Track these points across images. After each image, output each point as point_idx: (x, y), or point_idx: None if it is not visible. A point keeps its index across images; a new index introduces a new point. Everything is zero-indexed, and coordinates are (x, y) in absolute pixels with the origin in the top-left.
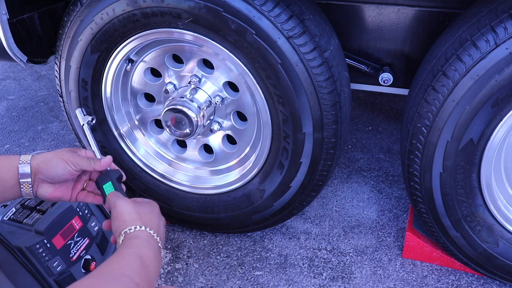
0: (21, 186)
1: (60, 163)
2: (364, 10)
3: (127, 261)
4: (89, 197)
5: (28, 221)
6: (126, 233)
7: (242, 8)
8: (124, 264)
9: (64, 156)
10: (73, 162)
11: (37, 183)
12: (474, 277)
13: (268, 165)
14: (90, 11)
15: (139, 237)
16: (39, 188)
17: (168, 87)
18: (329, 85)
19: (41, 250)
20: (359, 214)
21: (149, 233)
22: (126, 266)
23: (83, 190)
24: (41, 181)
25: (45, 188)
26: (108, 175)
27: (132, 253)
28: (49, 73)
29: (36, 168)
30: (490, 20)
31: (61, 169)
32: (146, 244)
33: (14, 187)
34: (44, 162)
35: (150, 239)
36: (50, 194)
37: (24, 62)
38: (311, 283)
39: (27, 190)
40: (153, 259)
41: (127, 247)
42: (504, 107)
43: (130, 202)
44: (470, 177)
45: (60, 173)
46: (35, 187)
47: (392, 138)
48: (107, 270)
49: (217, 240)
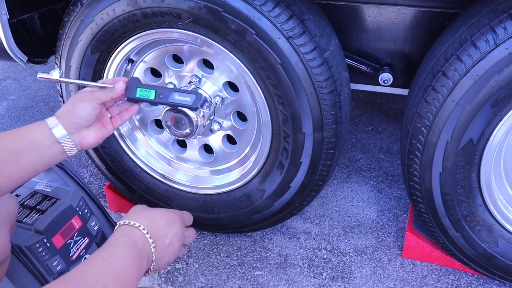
0: (62, 144)
1: (84, 104)
2: (364, 10)
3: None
4: (123, 116)
5: (28, 221)
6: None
7: (242, 8)
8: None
9: (82, 97)
10: (93, 98)
11: (76, 135)
12: (474, 277)
13: (268, 165)
14: (90, 11)
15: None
16: (81, 138)
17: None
18: (329, 85)
19: (41, 249)
20: (359, 214)
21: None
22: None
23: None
24: (78, 130)
25: (87, 136)
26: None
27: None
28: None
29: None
30: (490, 20)
31: (88, 108)
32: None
33: (52, 147)
34: (70, 112)
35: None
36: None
37: (24, 62)
38: (311, 283)
39: (69, 145)
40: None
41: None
42: (504, 107)
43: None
44: (470, 177)
45: (89, 112)
46: (76, 139)
47: (392, 138)
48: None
49: (217, 240)
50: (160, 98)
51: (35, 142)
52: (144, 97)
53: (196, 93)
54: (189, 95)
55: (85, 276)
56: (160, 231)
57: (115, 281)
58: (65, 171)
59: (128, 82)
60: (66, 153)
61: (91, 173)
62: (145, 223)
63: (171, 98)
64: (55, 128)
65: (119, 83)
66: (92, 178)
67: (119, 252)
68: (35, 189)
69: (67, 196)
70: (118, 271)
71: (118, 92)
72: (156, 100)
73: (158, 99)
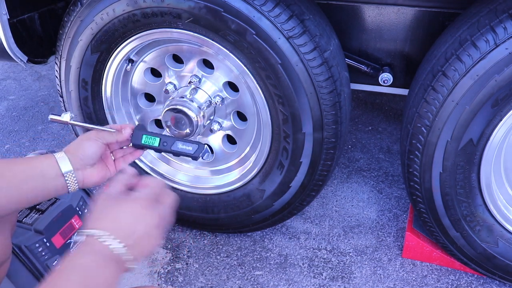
0: (65, 178)
1: (90, 143)
2: (364, 10)
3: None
4: (127, 159)
5: (28, 220)
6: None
7: (242, 8)
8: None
9: (90, 136)
10: (99, 138)
11: (80, 172)
12: (474, 277)
13: (268, 165)
14: (90, 11)
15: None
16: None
17: (168, 87)
18: (329, 85)
19: (41, 249)
20: (359, 214)
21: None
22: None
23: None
24: (83, 167)
25: (90, 174)
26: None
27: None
28: (49, 73)
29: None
30: (490, 20)
31: (94, 147)
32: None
33: (56, 179)
34: (77, 148)
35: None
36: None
37: (24, 62)
38: (311, 283)
39: (71, 180)
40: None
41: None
42: (504, 107)
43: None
44: (470, 177)
45: (94, 151)
46: (80, 176)
47: (392, 138)
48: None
49: (217, 240)
50: (164, 146)
51: (42, 171)
52: (149, 144)
53: (198, 143)
54: (191, 145)
55: None
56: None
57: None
58: None
59: (134, 128)
60: (68, 187)
61: None
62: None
63: (175, 147)
64: (61, 161)
65: (126, 129)
66: None
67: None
68: None
69: (67, 196)
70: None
71: (124, 136)
72: (160, 148)
73: (162, 146)
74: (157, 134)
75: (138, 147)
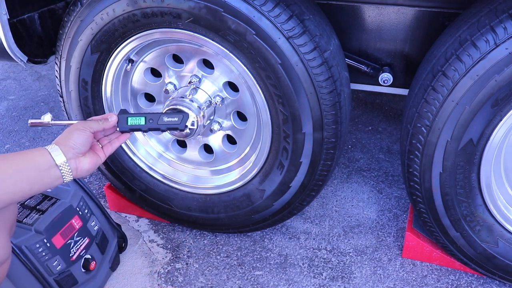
0: (60, 168)
1: (80, 132)
2: (364, 10)
3: None
4: (114, 143)
5: (28, 221)
6: None
7: (242, 8)
8: None
9: (79, 126)
10: (88, 127)
11: (73, 161)
12: (474, 277)
13: (268, 165)
14: (90, 11)
15: None
16: (78, 165)
17: (168, 87)
18: (329, 85)
19: (41, 249)
20: (359, 214)
21: None
22: None
23: (103, 147)
24: (75, 156)
25: (82, 162)
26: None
27: None
28: (49, 73)
29: (65, 146)
30: (490, 20)
31: (83, 136)
32: None
33: (50, 170)
34: (67, 139)
35: None
36: (90, 164)
37: (24, 62)
38: (311, 283)
39: (66, 170)
40: None
41: None
42: (504, 107)
43: None
44: (470, 177)
45: (84, 139)
46: (73, 165)
47: (392, 138)
48: None
49: (217, 240)
50: (150, 123)
51: (35, 162)
52: (136, 124)
53: (183, 113)
54: (176, 115)
55: None
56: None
57: None
58: None
59: (118, 115)
60: (63, 178)
61: (91, 173)
62: None
63: (161, 121)
64: (54, 153)
65: (112, 116)
66: (92, 178)
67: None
68: None
69: (67, 196)
70: None
71: (111, 124)
72: (147, 126)
73: (149, 124)
74: (142, 114)
75: (126, 131)
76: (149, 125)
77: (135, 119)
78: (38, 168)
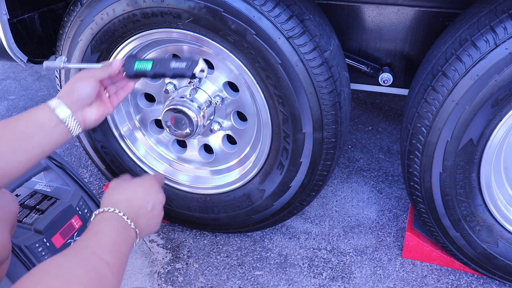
0: (66, 123)
1: (84, 82)
2: (364, 10)
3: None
4: (120, 94)
5: (28, 220)
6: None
7: (242, 8)
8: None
9: (82, 75)
10: (92, 76)
11: (79, 113)
12: (474, 277)
13: (268, 165)
14: (90, 11)
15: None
16: (84, 116)
17: (168, 87)
18: (329, 85)
19: (41, 249)
20: (359, 214)
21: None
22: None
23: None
24: (81, 108)
25: (89, 113)
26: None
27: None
28: (49, 73)
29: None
30: (490, 20)
31: (88, 85)
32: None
33: (57, 127)
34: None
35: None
36: (97, 115)
37: (24, 62)
38: (311, 283)
39: (73, 124)
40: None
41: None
42: (504, 107)
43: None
44: (470, 177)
45: (90, 89)
46: (80, 117)
47: (392, 138)
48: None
49: (217, 240)
50: (157, 68)
51: (40, 123)
52: (142, 69)
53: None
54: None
55: (82, 250)
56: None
57: (109, 252)
58: (64, 170)
59: (125, 59)
60: (71, 132)
61: (91, 173)
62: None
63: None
64: (58, 108)
65: (116, 60)
66: (92, 178)
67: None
68: (35, 189)
69: (67, 196)
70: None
71: (115, 68)
72: (154, 71)
73: (156, 69)
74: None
75: (132, 76)
76: (155, 70)
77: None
78: (45, 129)
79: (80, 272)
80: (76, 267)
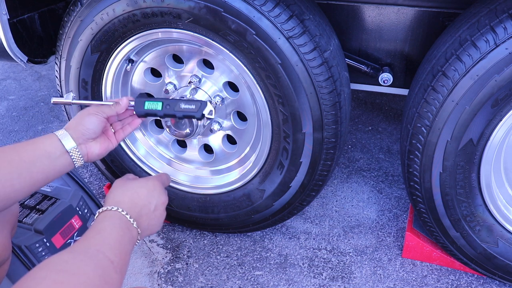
0: (70, 154)
1: (91, 117)
2: (364, 10)
3: (103, 237)
4: (126, 129)
5: (28, 220)
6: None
7: (242, 8)
8: (99, 239)
9: (90, 111)
10: (99, 112)
11: (84, 146)
12: (474, 277)
13: (268, 165)
14: (90, 11)
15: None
16: (88, 150)
17: (168, 87)
18: (329, 85)
19: (41, 249)
20: (359, 214)
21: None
22: (101, 242)
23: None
24: (85, 141)
25: (93, 147)
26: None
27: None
28: (49, 73)
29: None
30: (490, 20)
31: (95, 121)
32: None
33: (61, 157)
34: (78, 124)
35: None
36: (100, 150)
37: (24, 62)
38: (311, 283)
39: (77, 156)
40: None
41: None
42: (504, 107)
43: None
44: (470, 177)
45: (96, 125)
46: (84, 150)
47: (392, 138)
48: (83, 246)
49: (217, 240)
50: (167, 108)
51: (46, 151)
52: (152, 108)
53: (200, 101)
54: (194, 103)
55: (87, 248)
56: (144, 200)
57: (113, 251)
58: None
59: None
60: (74, 163)
61: (91, 173)
62: (127, 198)
63: (178, 108)
64: (64, 139)
65: (123, 99)
66: (92, 178)
67: (109, 224)
68: None
69: (67, 196)
70: (114, 241)
71: (123, 107)
72: (164, 111)
73: (166, 109)
74: (159, 99)
75: (142, 115)
76: (165, 110)
77: (152, 104)
78: (50, 157)
79: (87, 269)
80: (83, 263)
